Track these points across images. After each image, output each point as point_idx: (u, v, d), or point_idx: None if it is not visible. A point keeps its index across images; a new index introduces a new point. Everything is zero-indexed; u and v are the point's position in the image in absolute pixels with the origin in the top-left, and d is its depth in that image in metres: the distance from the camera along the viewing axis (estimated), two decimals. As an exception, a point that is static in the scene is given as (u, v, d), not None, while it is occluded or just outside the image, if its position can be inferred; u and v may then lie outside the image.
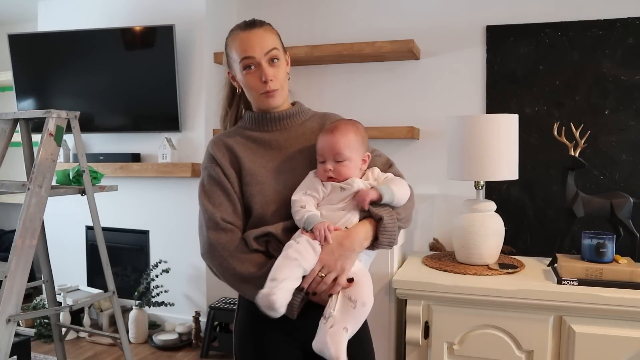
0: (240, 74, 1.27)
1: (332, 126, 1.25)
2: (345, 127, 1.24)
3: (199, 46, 3.16)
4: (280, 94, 1.29)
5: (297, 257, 1.12)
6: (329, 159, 1.22)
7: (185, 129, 3.22)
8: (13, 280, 1.91)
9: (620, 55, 2.56)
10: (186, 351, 3.06)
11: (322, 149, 1.23)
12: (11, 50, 3.37)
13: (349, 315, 1.13)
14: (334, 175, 1.22)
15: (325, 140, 1.23)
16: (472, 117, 2.01)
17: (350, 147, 1.22)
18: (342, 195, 1.21)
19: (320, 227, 1.14)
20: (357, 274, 1.17)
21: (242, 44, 1.25)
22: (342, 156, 1.22)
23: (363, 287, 1.16)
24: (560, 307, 1.73)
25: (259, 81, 1.25)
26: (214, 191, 1.29)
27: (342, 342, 1.11)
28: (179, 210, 3.26)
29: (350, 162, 1.23)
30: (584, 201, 2.00)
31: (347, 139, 1.22)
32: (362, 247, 1.18)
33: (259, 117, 1.32)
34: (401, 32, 2.93)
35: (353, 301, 1.14)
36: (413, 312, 1.86)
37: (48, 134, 2.05)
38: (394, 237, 1.21)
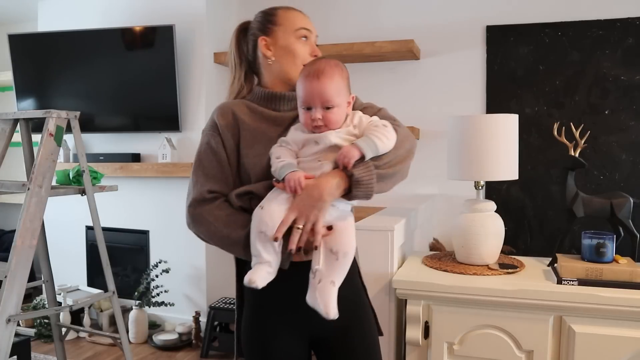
0: (291, 40, 1.29)
1: (317, 69, 1.17)
2: (331, 70, 1.18)
3: (199, 46, 3.16)
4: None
5: (263, 229, 1.10)
6: (316, 106, 1.15)
7: (185, 129, 3.22)
8: (13, 280, 1.91)
9: (620, 55, 2.56)
10: (186, 351, 3.06)
11: (309, 96, 1.15)
12: (11, 50, 3.37)
13: (333, 268, 1.11)
14: (323, 124, 1.15)
15: (311, 86, 1.15)
16: (472, 117, 2.01)
17: (339, 92, 1.17)
18: (316, 148, 1.16)
19: (291, 177, 1.11)
20: (336, 223, 1.13)
21: (299, 18, 1.31)
22: (332, 102, 1.15)
23: (342, 237, 1.13)
24: (560, 307, 1.72)
25: (310, 53, 1.29)
26: (210, 160, 1.26)
27: (330, 296, 1.10)
28: (179, 210, 3.24)
29: (339, 108, 1.17)
30: (584, 201, 1.99)
31: (335, 83, 1.16)
32: (333, 196, 1.12)
33: (270, 95, 1.31)
34: (401, 32, 2.93)
35: (335, 253, 1.11)
36: (413, 312, 1.86)
37: (48, 134, 2.05)
38: (370, 189, 1.13)
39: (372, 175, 1.12)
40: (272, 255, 1.12)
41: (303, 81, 1.17)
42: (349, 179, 1.12)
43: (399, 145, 1.20)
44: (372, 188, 1.13)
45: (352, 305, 1.27)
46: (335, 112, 1.16)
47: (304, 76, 1.18)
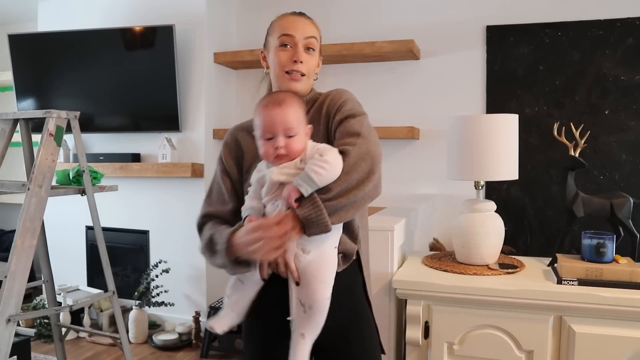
0: (273, 49, 1.29)
1: (276, 98, 1.17)
2: (291, 99, 1.17)
3: (199, 46, 3.16)
4: (305, 83, 1.29)
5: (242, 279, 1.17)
6: (278, 134, 1.13)
7: (185, 129, 3.22)
8: (13, 280, 1.91)
9: (620, 55, 2.56)
10: (186, 351, 3.06)
11: (270, 124, 1.13)
12: (11, 50, 3.37)
13: (302, 320, 1.11)
14: (286, 152, 1.13)
15: (273, 113, 1.13)
16: (472, 117, 2.01)
17: (300, 121, 1.16)
18: (267, 186, 1.15)
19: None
20: (304, 273, 1.11)
21: (286, 23, 1.29)
22: (295, 130, 1.13)
23: (308, 288, 1.11)
24: (560, 307, 1.72)
25: (289, 59, 1.26)
26: (212, 187, 1.35)
27: (299, 349, 1.10)
28: (179, 210, 3.26)
29: (300, 137, 1.15)
30: (584, 201, 1.99)
31: (295, 111, 1.15)
32: (292, 236, 1.09)
33: None
34: (401, 32, 2.93)
35: (303, 305, 1.11)
36: (413, 312, 1.86)
37: (48, 134, 2.05)
38: (324, 224, 1.07)
39: (320, 211, 1.07)
40: (241, 303, 1.18)
41: (263, 110, 1.16)
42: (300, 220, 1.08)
43: (352, 170, 1.11)
44: (325, 223, 1.07)
45: (353, 315, 1.27)
46: (297, 141, 1.14)
47: (264, 106, 1.16)
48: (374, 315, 1.33)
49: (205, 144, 3.18)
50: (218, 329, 1.15)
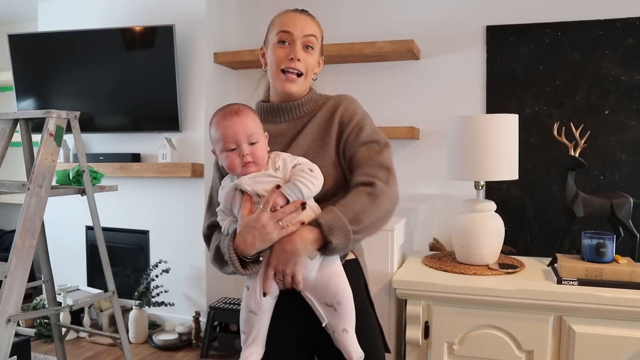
0: (271, 46, 1.27)
1: (232, 109, 1.16)
2: (245, 108, 1.18)
3: (199, 46, 3.16)
4: (301, 83, 1.26)
5: (252, 308, 1.16)
6: (242, 141, 1.13)
7: (185, 129, 3.22)
8: (13, 280, 1.91)
9: (620, 55, 2.56)
10: (186, 351, 3.06)
11: (232, 133, 1.13)
12: (11, 50, 3.37)
13: (337, 318, 1.15)
14: (252, 159, 1.13)
15: (232, 122, 1.14)
16: (472, 117, 2.01)
17: (259, 127, 1.17)
18: (239, 197, 1.15)
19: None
20: (320, 277, 1.15)
21: (286, 19, 1.26)
22: (256, 136, 1.14)
23: (329, 288, 1.15)
24: (560, 307, 1.73)
25: (286, 57, 1.23)
26: (211, 196, 1.35)
27: (348, 343, 1.15)
28: (179, 210, 3.26)
29: (261, 143, 1.16)
30: (584, 201, 1.99)
31: (253, 118, 1.17)
32: (307, 250, 1.11)
33: (268, 108, 1.31)
34: (401, 32, 2.93)
35: (330, 305, 1.15)
36: (413, 312, 1.86)
37: (48, 134, 2.05)
38: (346, 250, 1.14)
39: (349, 241, 1.11)
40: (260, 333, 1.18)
41: (221, 121, 1.15)
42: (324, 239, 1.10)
43: (381, 206, 1.15)
44: (347, 250, 1.15)
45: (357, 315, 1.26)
46: (260, 147, 1.16)
47: (221, 117, 1.15)
48: (376, 315, 1.33)
49: (205, 144, 3.18)
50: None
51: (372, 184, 1.16)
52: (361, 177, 1.18)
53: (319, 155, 1.23)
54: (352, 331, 1.16)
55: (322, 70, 1.37)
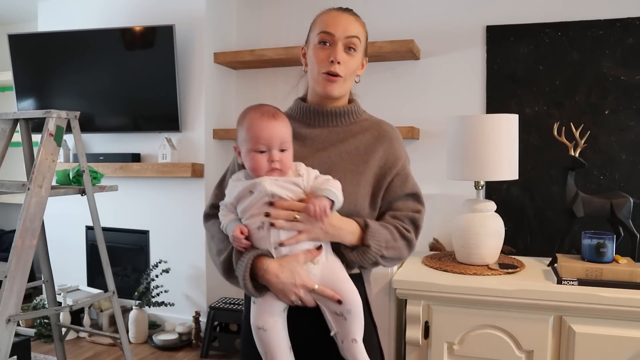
0: (312, 47, 1.22)
1: (269, 110, 1.14)
2: (281, 113, 1.16)
3: (199, 46, 3.16)
4: (341, 85, 1.21)
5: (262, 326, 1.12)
6: (274, 147, 1.10)
7: (185, 129, 3.22)
8: (13, 280, 1.91)
9: (620, 55, 2.56)
10: (186, 351, 3.06)
11: (268, 136, 1.10)
12: (11, 50, 3.37)
13: (346, 327, 1.12)
14: (281, 166, 1.11)
15: (270, 125, 1.11)
16: (472, 117, 2.01)
17: (290, 135, 1.14)
18: (249, 199, 1.11)
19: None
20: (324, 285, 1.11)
21: (329, 19, 1.21)
22: (287, 144, 1.12)
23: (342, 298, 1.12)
24: (560, 307, 1.73)
25: (327, 59, 1.19)
26: (225, 177, 1.29)
27: (357, 353, 1.12)
28: (179, 210, 3.26)
29: (290, 150, 1.13)
30: (584, 201, 2.00)
31: (288, 126, 1.14)
32: (343, 237, 1.12)
33: (305, 109, 1.26)
34: (401, 32, 2.93)
35: (340, 314, 1.11)
36: (413, 312, 1.86)
37: (48, 134, 2.05)
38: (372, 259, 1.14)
39: (376, 257, 1.14)
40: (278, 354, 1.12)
41: (258, 121, 1.12)
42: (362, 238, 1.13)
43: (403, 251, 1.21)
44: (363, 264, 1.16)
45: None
46: (288, 156, 1.13)
47: (258, 117, 1.12)
48: (378, 337, 1.30)
49: (205, 144, 3.18)
50: None
51: (409, 230, 1.21)
52: (401, 221, 1.21)
53: (353, 179, 1.19)
54: (361, 341, 1.12)
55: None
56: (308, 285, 1.09)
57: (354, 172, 1.19)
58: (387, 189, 1.22)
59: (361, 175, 1.19)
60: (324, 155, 1.20)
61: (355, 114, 1.28)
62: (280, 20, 3.23)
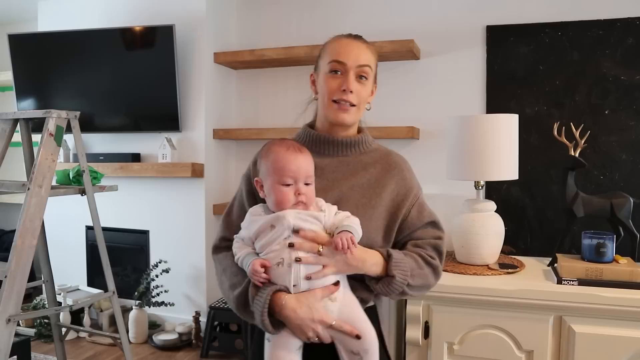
0: (323, 75, 1.22)
1: (295, 145, 1.14)
2: (305, 148, 1.16)
3: (199, 46, 3.16)
4: (354, 113, 1.21)
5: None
6: (300, 180, 1.10)
7: (185, 129, 3.22)
8: (13, 280, 1.91)
9: (620, 55, 2.56)
10: (186, 351, 3.06)
11: (296, 170, 1.10)
12: (11, 50, 3.37)
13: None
14: (306, 200, 1.10)
15: (297, 159, 1.11)
16: (472, 117, 2.01)
17: (313, 169, 1.15)
18: (271, 233, 1.09)
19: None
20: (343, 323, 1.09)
21: (339, 47, 1.21)
22: (312, 178, 1.13)
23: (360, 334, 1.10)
24: (560, 307, 1.73)
25: (338, 88, 1.18)
26: (236, 208, 1.28)
27: None
28: (179, 210, 3.26)
29: (313, 185, 1.14)
30: (584, 201, 2.00)
31: (312, 159, 1.15)
32: (367, 268, 1.11)
33: (315, 137, 1.25)
34: (401, 32, 2.93)
35: (356, 353, 1.09)
36: (413, 312, 1.86)
37: (48, 134, 2.05)
38: (396, 290, 1.13)
39: (402, 287, 1.13)
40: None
41: (285, 154, 1.12)
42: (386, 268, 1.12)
43: (430, 280, 1.20)
44: (389, 295, 1.15)
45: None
46: (312, 190, 1.13)
47: (285, 150, 1.12)
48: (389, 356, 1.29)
49: (205, 144, 3.18)
50: None
51: (433, 257, 1.21)
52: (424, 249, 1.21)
53: (365, 213, 1.18)
54: None
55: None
56: (326, 320, 1.07)
57: (366, 205, 1.18)
58: (403, 221, 1.21)
59: (374, 209, 1.19)
60: (335, 187, 1.20)
61: (365, 143, 1.28)
62: (280, 20, 3.23)
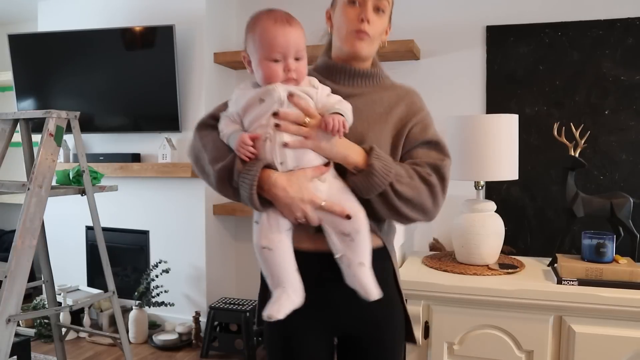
0: (340, 6, 1.19)
1: (282, 15, 1.08)
2: (296, 20, 1.10)
3: (199, 46, 3.16)
4: (370, 44, 1.19)
5: (267, 245, 1.05)
6: (290, 55, 1.05)
7: (185, 129, 3.22)
8: (13, 280, 1.91)
9: (620, 55, 2.56)
10: (186, 351, 3.06)
11: (284, 45, 1.04)
12: (11, 50, 3.37)
13: (353, 249, 1.05)
14: (296, 76, 1.06)
15: (285, 31, 1.05)
16: (472, 117, 2.01)
17: (305, 42, 1.08)
18: (259, 108, 1.04)
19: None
20: (332, 201, 1.05)
21: None
22: (303, 52, 1.07)
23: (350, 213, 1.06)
24: (560, 307, 1.73)
25: (356, 18, 1.15)
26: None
27: (364, 278, 1.05)
28: (179, 210, 3.26)
29: (305, 60, 1.08)
30: (584, 201, 1.99)
31: (303, 33, 1.09)
32: (350, 158, 1.07)
33: (332, 65, 1.22)
34: (401, 32, 2.92)
35: (347, 234, 1.05)
36: (413, 312, 1.86)
37: (48, 134, 2.05)
38: (378, 185, 1.05)
39: (382, 183, 1.06)
40: (285, 273, 1.05)
41: (272, 27, 1.05)
42: (366, 164, 1.06)
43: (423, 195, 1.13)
44: (368, 194, 1.07)
45: (386, 306, 1.22)
46: (304, 65, 1.08)
47: (272, 23, 1.05)
48: (405, 305, 1.29)
49: (205, 144, 3.18)
50: (280, 314, 1.03)
51: (430, 174, 1.13)
52: (420, 166, 1.15)
53: (376, 127, 1.16)
54: (369, 265, 1.06)
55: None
56: (316, 201, 1.04)
57: (377, 120, 1.17)
58: (406, 137, 1.19)
59: (384, 123, 1.17)
60: (351, 102, 1.16)
61: (380, 77, 1.27)
62: (280, 20, 3.23)
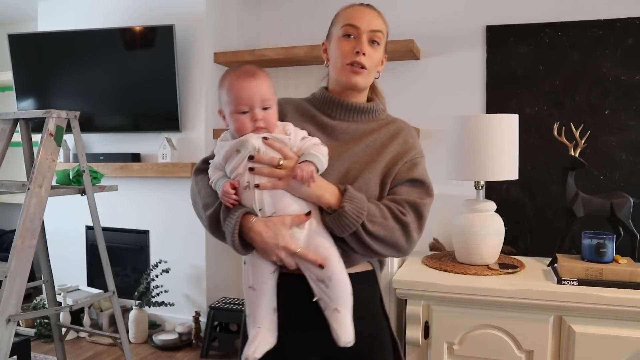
0: (335, 40, 1.22)
1: (247, 70, 1.13)
2: (260, 72, 1.15)
3: (199, 46, 3.16)
4: (366, 77, 1.23)
5: (252, 285, 1.11)
6: (256, 105, 1.10)
7: (185, 129, 3.22)
8: (13, 280, 1.91)
9: (620, 55, 2.56)
10: (186, 351, 3.06)
11: (248, 95, 1.10)
12: (11, 50, 3.37)
13: (328, 295, 1.08)
14: (265, 125, 1.11)
15: (249, 84, 1.11)
16: (472, 117, 2.01)
17: (272, 91, 1.14)
18: (236, 158, 1.11)
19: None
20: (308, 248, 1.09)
21: (352, 13, 1.22)
22: (270, 101, 1.12)
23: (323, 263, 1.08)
24: (560, 307, 1.72)
25: (351, 50, 1.19)
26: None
27: (337, 323, 1.07)
28: (179, 210, 3.26)
29: (273, 109, 1.14)
30: (584, 201, 1.99)
31: (269, 82, 1.14)
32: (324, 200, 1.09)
33: (329, 98, 1.25)
34: (401, 32, 2.93)
35: (321, 280, 1.08)
36: (413, 312, 1.86)
37: (48, 134, 2.05)
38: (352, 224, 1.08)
39: (354, 224, 1.08)
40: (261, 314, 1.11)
41: (236, 82, 1.12)
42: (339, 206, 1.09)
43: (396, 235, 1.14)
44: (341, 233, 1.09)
45: (372, 330, 1.23)
46: (272, 114, 1.13)
47: (235, 78, 1.12)
48: (391, 329, 1.29)
49: (206, 144, 3.18)
50: (257, 354, 1.07)
51: (404, 213, 1.14)
52: (397, 204, 1.16)
53: (365, 168, 1.18)
54: (346, 312, 1.08)
55: (322, 70, 1.36)
56: (290, 247, 1.08)
57: (369, 161, 1.19)
58: (396, 175, 1.20)
59: (375, 163, 1.19)
60: (344, 147, 1.20)
61: (376, 112, 1.29)
62: (280, 20, 3.23)
